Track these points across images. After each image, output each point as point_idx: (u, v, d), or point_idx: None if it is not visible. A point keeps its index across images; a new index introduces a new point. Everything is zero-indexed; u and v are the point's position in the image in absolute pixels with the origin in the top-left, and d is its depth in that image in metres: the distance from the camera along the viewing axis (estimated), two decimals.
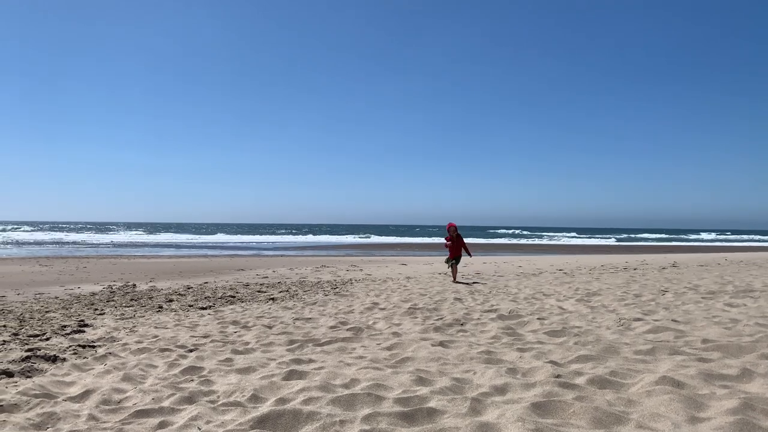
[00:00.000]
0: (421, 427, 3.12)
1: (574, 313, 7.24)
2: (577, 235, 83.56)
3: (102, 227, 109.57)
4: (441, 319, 7.17)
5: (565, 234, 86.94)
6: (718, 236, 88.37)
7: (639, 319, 6.48)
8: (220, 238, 68.87)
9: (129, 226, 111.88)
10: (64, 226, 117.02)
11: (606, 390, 3.64)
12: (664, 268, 16.37)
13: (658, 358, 4.52)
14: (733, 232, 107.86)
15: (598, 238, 77.09)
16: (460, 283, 12.63)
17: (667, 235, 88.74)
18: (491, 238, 76.44)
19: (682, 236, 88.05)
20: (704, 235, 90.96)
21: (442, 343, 5.57)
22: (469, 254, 13.83)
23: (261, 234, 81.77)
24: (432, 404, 3.49)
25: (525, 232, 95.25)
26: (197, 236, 71.56)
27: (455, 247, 13.49)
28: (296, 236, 75.42)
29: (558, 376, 3.97)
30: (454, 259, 13.34)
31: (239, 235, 75.79)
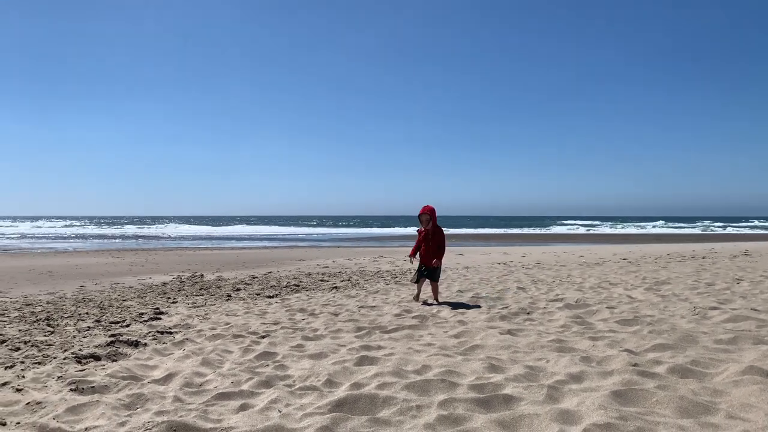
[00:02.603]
0: (499, 414, 3.11)
1: (645, 302, 7.03)
2: (664, 224, 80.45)
3: (154, 221, 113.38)
4: (506, 307, 7.11)
5: (653, 223, 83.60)
6: None
7: (715, 308, 6.24)
8: (273, 229, 70.51)
9: (179, 220, 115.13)
10: (123, 220, 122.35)
11: (688, 379, 3.54)
12: (735, 256, 15.65)
13: (741, 347, 4.34)
14: None
15: (684, 227, 73.68)
16: (443, 304, 7.80)
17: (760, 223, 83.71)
18: (549, 227, 74.85)
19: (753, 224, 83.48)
20: None
21: (510, 332, 5.53)
22: (440, 254, 7.95)
23: (312, 226, 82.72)
24: (507, 391, 3.48)
25: (591, 222, 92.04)
26: (242, 227, 73.59)
27: (428, 247, 7.97)
28: (348, 228, 76.09)
29: (635, 365, 3.88)
30: (424, 270, 8.06)
31: (289, 227, 77.38)
